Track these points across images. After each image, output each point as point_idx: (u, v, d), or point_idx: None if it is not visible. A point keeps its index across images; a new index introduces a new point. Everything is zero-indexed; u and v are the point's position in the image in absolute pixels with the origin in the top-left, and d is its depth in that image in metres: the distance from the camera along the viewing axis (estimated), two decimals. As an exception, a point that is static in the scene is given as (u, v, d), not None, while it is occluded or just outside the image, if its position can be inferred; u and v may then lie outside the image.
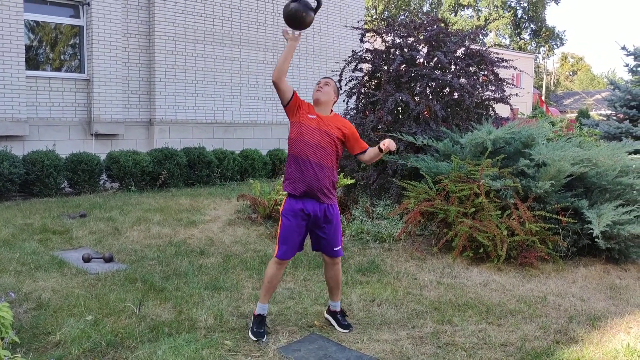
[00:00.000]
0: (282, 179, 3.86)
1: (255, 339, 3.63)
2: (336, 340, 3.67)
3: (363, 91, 8.03)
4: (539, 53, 54.60)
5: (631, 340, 3.74)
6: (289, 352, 3.48)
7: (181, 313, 4.04)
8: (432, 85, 7.54)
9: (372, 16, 41.42)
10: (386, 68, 7.70)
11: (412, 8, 45.39)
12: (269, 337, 3.68)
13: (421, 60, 7.70)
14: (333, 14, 14.86)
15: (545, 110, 27.40)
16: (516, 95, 8.65)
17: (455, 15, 50.82)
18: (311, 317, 4.04)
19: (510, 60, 8.07)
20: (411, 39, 7.85)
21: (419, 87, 7.43)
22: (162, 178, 10.20)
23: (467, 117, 7.69)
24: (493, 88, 7.83)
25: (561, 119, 19.64)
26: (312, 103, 3.79)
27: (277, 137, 13.56)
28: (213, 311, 4.05)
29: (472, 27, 13.16)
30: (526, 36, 53.02)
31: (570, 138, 7.06)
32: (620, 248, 5.61)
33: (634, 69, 11.29)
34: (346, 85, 8.28)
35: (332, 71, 9.61)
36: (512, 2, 50.83)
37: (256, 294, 4.46)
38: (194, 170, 10.85)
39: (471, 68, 7.86)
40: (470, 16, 51.61)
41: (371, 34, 8.26)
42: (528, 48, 52.23)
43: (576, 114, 26.53)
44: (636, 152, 8.49)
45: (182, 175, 10.61)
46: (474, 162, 6.23)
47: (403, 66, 7.67)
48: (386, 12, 46.27)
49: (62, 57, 11.08)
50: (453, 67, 7.75)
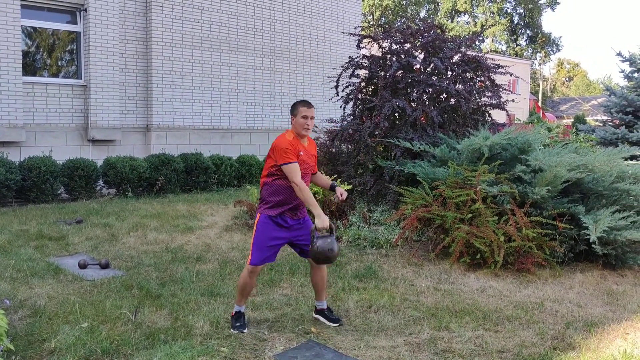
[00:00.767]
0: (260, 202, 3.95)
1: (236, 332, 3.80)
2: (333, 347, 3.66)
3: (360, 97, 8.04)
4: (535, 59, 54.85)
5: (628, 346, 3.73)
6: (286, 359, 3.47)
7: (177, 320, 4.03)
8: (429, 91, 7.56)
9: (369, 22, 41.61)
10: (383, 74, 7.72)
11: (409, 14, 45.55)
12: (266, 344, 3.67)
13: (418, 66, 7.72)
14: (330, 21, 14.91)
15: (541, 116, 27.48)
16: (512, 101, 8.69)
17: (451, 21, 51.04)
18: (308, 324, 4.03)
19: (506, 66, 8.10)
20: (408, 45, 7.88)
21: (416, 93, 7.45)
22: (159, 184, 10.19)
23: (464, 123, 7.71)
24: (489, 94, 7.86)
25: (557, 125, 19.71)
26: (299, 135, 3.88)
27: (275, 143, 13.55)
28: (209, 318, 4.04)
29: (469, 34, 13.21)
30: (522, 42, 53.26)
31: (566, 144, 7.09)
32: (617, 254, 5.62)
33: (630, 75, 11.33)
34: (343, 91, 8.30)
35: (329, 77, 9.64)
36: (509, 9, 51.12)
37: (252, 301, 4.46)
38: (191, 176, 10.83)
39: (468, 74, 7.88)
40: (466, 22, 51.86)
41: (368, 40, 8.29)
42: (524, 54, 52.45)
43: (572, 120, 26.62)
44: (632, 158, 8.51)
45: (179, 181, 10.60)
46: (471, 168, 6.24)
47: (400, 72, 7.69)
48: (383, 19, 46.47)
49: (59, 63, 11.08)
50: (450, 73, 7.78)
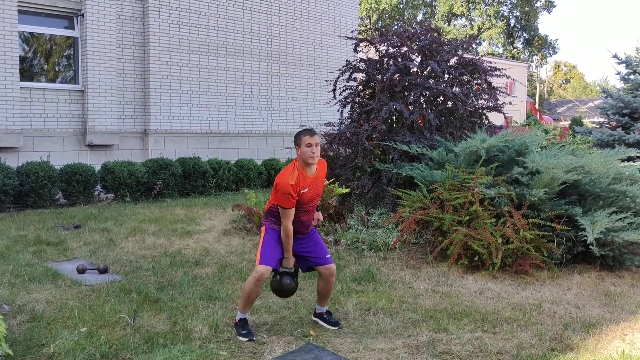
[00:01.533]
0: (266, 216, 3.90)
1: (246, 339, 3.74)
2: (332, 349, 3.67)
3: (357, 100, 8.07)
4: (532, 61, 55.02)
5: (626, 347, 3.74)
6: (285, 362, 3.48)
7: (176, 324, 4.03)
8: (426, 94, 7.59)
9: (366, 26, 41.67)
10: (380, 77, 7.74)
11: (406, 18, 45.64)
12: (265, 347, 3.67)
13: (415, 69, 7.75)
14: (327, 24, 14.95)
15: (538, 118, 27.57)
16: (509, 103, 8.73)
17: (448, 24, 51.19)
18: (307, 327, 4.04)
19: (503, 69, 8.14)
20: (405, 49, 7.91)
21: (413, 96, 7.47)
22: (157, 188, 10.18)
23: (461, 126, 7.74)
24: (486, 97, 7.89)
25: (554, 127, 19.76)
26: (306, 164, 3.68)
27: (272, 147, 13.57)
28: (208, 322, 4.04)
29: (466, 37, 13.25)
30: (519, 45, 53.46)
31: (563, 146, 7.10)
32: (614, 255, 5.64)
33: (626, 77, 11.39)
34: (340, 94, 8.33)
35: (327, 81, 9.67)
36: (505, 12, 51.31)
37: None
38: (189, 180, 10.84)
39: (464, 77, 7.91)
40: (463, 25, 52.02)
41: (365, 44, 8.32)
42: (521, 57, 52.62)
43: (569, 122, 26.69)
44: (629, 159, 8.54)
45: (177, 185, 10.60)
46: (468, 171, 6.25)
47: (397, 75, 7.72)
48: (380, 22, 46.57)
49: (57, 68, 11.09)
50: (446, 76, 7.81)
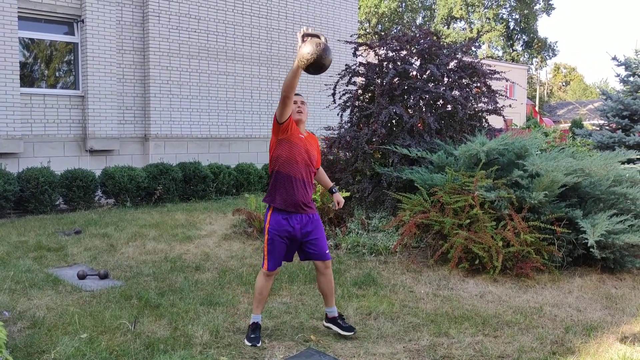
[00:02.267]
0: (266, 194, 3.91)
1: (250, 344, 3.73)
2: (332, 354, 3.66)
3: (357, 104, 8.08)
4: (532, 64, 55.09)
5: (627, 349, 3.74)
6: (286, 367, 3.47)
7: (177, 329, 4.03)
8: (426, 97, 7.59)
9: (366, 30, 41.76)
10: (379, 81, 7.75)
11: (405, 21, 45.77)
12: (265, 353, 3.66)
13: (414, 73, 7.76)
14: (327, 29, 14.97)
15: (538, 120, 27.58)
16: (509, 106, 8.75)
17: (447, 27, 51.27)
18: (308, 332, 4.03)
19: (502, 71, 8.14)
20: (404, 52, 7.92)
21: (413, 100, 7.48)
22: (158, 193, 10.19)
23: (461, 129, 7.74)
24: (486, 100, 7.89)
25: (554, 129, 19.77)
26: (295, 122, 3.85)
27: (273, 151, 13.56)
28: (209, 327, 4.04)
29: (465, 40, 13.26)
30: (518, 48, 53.49)
31: (563, 148, 7.11)
32: (615, 257, 5.63)
33: (625, 79, 11.39)
34: (340, 98, 8.34)
35: (326, 85, 9.67)
36: (504, 14, 51.37)
37: (252, 309, 4.45)
38: (190, 185, 10.84)
39: (464, 80, 7.92)
40: (462, 28, 52.09)
41: (364, 48, 8.33)
42: (521, 59, 52.67)
43: (569, 124, 26.69)
44: (629, 162, 8.54)
45: (178, 190, 10.61)
46: (468, 174, 6.26)
47: (396, 79, 7.72)
48: (379, 26, 46.66)
49: (57, 74, 11.11)
50: (446, 80, 7.81)
